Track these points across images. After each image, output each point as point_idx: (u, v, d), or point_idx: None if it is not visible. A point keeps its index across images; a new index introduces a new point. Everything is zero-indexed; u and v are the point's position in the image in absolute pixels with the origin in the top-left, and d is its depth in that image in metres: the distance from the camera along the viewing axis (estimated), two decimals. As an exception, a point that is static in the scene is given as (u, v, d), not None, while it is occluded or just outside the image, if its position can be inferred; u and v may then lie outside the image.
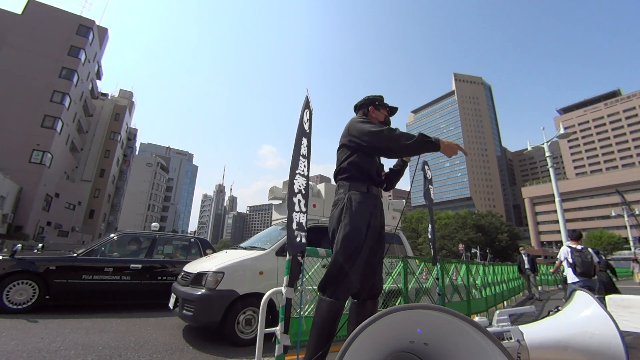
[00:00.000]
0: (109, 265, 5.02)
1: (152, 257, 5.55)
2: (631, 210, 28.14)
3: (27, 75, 26.57)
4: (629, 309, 2.68)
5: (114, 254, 5.40)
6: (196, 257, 5.87)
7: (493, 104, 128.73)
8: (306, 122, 2.50)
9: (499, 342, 0.94)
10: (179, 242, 6.52)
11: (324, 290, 1.84)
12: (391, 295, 3.62)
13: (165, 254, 6.30)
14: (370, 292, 1.90)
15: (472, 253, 46.42)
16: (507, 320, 2.17)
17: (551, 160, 12.70)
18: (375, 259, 1.93)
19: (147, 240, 5.74)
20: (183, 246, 6.37)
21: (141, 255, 5.49)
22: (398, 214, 5.75)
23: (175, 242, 6.52)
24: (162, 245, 6.30)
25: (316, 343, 1.75)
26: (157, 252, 5.83)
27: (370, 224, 1.90)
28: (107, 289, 4.94)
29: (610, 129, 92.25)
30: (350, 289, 1.80)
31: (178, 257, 6.09)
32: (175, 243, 6.48)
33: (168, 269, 5.49)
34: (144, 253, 5.53)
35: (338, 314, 1.77)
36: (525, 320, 3.74)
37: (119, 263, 5.15)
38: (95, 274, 4.89)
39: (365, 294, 1.88)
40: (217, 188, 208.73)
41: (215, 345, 3.38)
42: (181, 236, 6.86)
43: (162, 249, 6.26)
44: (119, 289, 5.03)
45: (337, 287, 1.79)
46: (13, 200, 23.21)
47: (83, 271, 4.82)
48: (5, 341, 3.08)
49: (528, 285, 9.81)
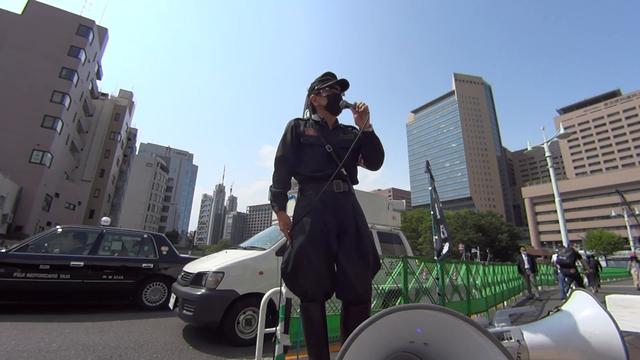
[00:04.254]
0: (45, 262, 4.58)
1: (98, 254, 5.09)
2: (631, 210, 28.14)
3: (27, 75, 26.58)
4: (629, 309, 2.68)
5: (55, 250, 4.99)
6: (149, 254, 5.63)
7: (493, 104, 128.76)
8: (306, 122, 2.50)
9: (499, 342, 0.94)
10: (130, 237, 6.06)
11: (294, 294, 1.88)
12: (391, 295, 3.62)
13: (112, 250, 5.82)
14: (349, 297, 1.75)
15: (472, 253, 46.45)
16: (507, 320, 2.18)
17: (551, 160, 12.71)
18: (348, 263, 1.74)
19: (93, 236, 5.30)
20: (134, 242, 5.92)
21: (85, 252, 5.04)
22: (398, 214, 5.75)
23: (125, 238, 6.06)
24: (110, 242, 5.84)
25: (308, 348, 1.76)
26: (103, 249, 5.41)
27: (318, 228, 1.77)
28: (43, 288, 4.53)
29: (610, 129, 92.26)
30: (309, 291, 1.74)
31: (128, 254, 5.69)
32: (125, 239, 6.03)
33: (114, 266, 5.10)
34: (89, 249, 5.09)
35: (311, 316, 1.74)
36: (525, 320, 3.74)
37: (57, 260, 4.70)
38: (29, 271, 4.46)
39: (346, 299, 1.77)
40: (217, 188, 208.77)
41: (215, 345, 3.38)
42: (132, 232, 6.39)
43: (110, 245, 5.81)
44: (58, 289, 4.61)
45: (295, 291, 1.81)
46: (13, 200, 23.21)
47: (14, 268, 4.40)
48: (5, 341, 3.08)
49: (528, 285, 9.81)
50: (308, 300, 1.74)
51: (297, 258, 1.75)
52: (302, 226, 1.80)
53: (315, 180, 1.89)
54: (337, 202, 1.86)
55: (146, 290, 5.32)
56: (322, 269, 1.73)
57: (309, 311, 1.74)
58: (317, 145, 1.94)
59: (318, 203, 1.82)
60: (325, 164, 1.91)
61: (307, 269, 1.72)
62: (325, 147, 1.93)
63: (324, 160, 1.92)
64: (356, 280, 1.73)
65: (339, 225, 1.82)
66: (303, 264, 1.73)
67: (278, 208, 1.90)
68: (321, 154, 1.93)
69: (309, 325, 1.75)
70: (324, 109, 2.04)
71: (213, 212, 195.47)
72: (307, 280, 1.72)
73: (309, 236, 1.75)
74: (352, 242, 1.78)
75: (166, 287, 5.48)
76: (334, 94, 2.01)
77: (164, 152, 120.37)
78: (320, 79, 2.07)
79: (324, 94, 2.02)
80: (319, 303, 1.76)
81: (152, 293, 5.37)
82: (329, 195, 1.85)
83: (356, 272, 1.74)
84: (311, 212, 1.81)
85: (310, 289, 1.72)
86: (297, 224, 1.83)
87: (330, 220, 1.81)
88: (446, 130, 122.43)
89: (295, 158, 1.97)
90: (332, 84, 2.01)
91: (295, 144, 1.96)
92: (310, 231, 1.76)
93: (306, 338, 1.77)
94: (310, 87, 2.10)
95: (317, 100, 2.05)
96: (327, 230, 1.78)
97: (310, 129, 1.99)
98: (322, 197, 1.83)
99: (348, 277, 1.72)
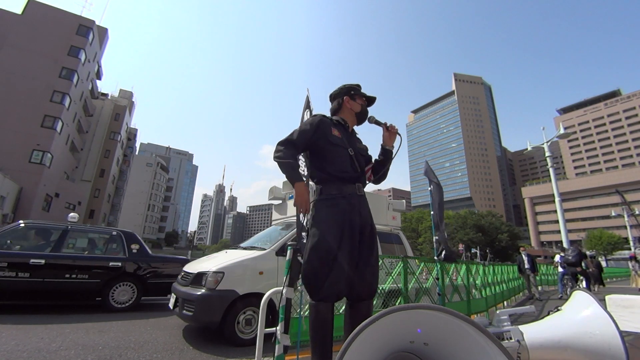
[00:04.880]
0: (3, 259, 4.39)
1: (61, 252, 4.88)
2: (631, 210, 28.12)
3: (27, 75, 26.57)
4: (629, 309, 2.68)
5: (17, 247, 4.79)
6: (117, 252, 5.28)
7: (493, 104, 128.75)
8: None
9: (499, 342, 0.94)
10: (97, 235, 5.71)
11: (308, 294, 1.84)
12: (391, 295, 3.62)
13: (78, 248, 5.54)
14: (361, 293, 1.81)
15: (472, 253, 46.39)
16: (507, 320, 2.18)
17: (551, 160, 12.71)
18: (362, 260, 1.82)
19: (57, 233, 5.05)
20: (102, 240, 5.60)
21: (47, 249, 4.83)
22: (398, 214, 5.75)
23: (92, 235, 5.70)
24: (75, 239, 5.58)
25: (313, 346, 1.75)
26: (67, 246, 5.18)
27: (343, 227, 1.81)
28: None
29: (610, 129, 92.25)
30: (332, 293, 1.74)
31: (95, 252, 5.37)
32: (92, 236, 5.68)
33: (78, 265, 4.84)
34: (52, 247, 4.88)
35: (324, 317, 1.74)
36: (525, 320, 3.74)
37: (14, 257, 4.49)
38: None
39: (356, 296, 1.80)
40: (217, 188, 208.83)
41: (215, 345, 3.38)
42: (100, 228, 6.00)
43: (75, 242, 5.58)
44: (16, 288, 4.40)
45: (318, 292, 1.76)
46: (13, 200, 23.21)
47: None
48: (5, 341, 3.08)
49: (528, 285, 9.81)
50: (323, 299, 1.75)
51: (324, 258, 1.75)
52: (330, 226, 1.81)
53: (341, 180, 1.92)
54: (360, 205, 1.92)
55: (113, 291, 5.02)
56: (344, 270, 1.75)
57: (321, 311, 1.74)
58: (341, 146, 1.98)
59: (346, 204, 1.87)
60: (348, 167, 1.96)
61: (331, 269, 1.74)
62: (348, 149, 1.98)
63: (347, 163, 1.96)
64: (372, 280, 1.83)
65: (360, 226, 1.87)
66: (329, 264, 1.74)
67: (296, 179, 1.84)
68: (345, 156, 1.97)
69: (320, 325, 1.74)
70: (353, 115, 2.11)
71: (213, 212, 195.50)
72: (330, 280, 1.73)
73: (337, 237, 1.78)
74: (368, 243, 1.87)
75: (135, 287, 5.21)
76: (366, 105, 2.14)
77: (164, 152, 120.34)
78: (355, 86, 2.15)
79: (359, 102, 2.11)
80: (331, 303, 1.78)
81: (120, 294, 5.07)
82: (353, 198, 1.91)
83: (372, 272, 1.85)
84: (339, 212, 1.84)
85: (329, 289, 1.73)
86: (324, 223, 1.83)
87: (355, 222, 1.85)
88: (446, 130, 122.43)
89: (304, 149, 2.01)
90: (367, 96, 2.14)
91: (313, 140, 1.96)
92: (340, 232, 1.80)
93: (312, 337, 1.76)
94: (345, 89, 2.14)
95: (350, 104, 2.11)
96: (352, 231, 1.82)
97: (335, 130, 2.02)
98: (349, 199, 1.89)
99: (364, 276, 1.80)
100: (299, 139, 1.94)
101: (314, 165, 2.01)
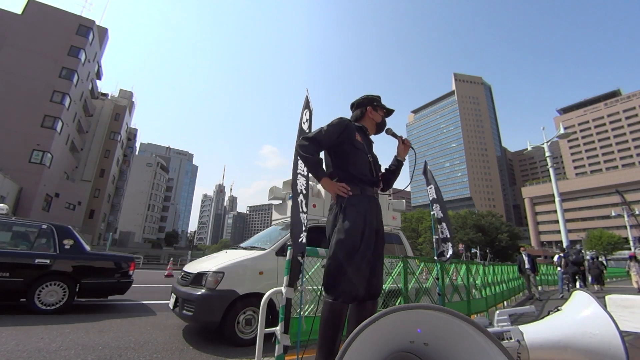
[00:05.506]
0: None
1: None
2: (631, 210, 28.11)
3: (27, 75, 26.58)
4: (629, 309, 2.68)
5: None
6: (47, 249, 4.82)
7: (493, 104, 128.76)
8: (305, 122, 2.51)
9: (499, 342, 0.94)
10: (24, 228, 5.09)
11: (327, 291, 1.85)
12: (391, 295, 3.62)
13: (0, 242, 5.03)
14: (369, 292, 1.86)
15: (472, 253, 46.38)
16: (507, 320, 2.18)
17: (551, 160, 12.71)
18: (375, 260, 1.90)
19: None
20: (29, 234, 5.01)
21: None
22: (398, 214, 5.75)
23: (17, 228, 5.10)
24: None
25: (321, 344, 1.75)
26: None
27: (365, 227, 1.87)
28: None
29: (610, 129, 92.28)
30: (352, 291, 1.77)
31: (19, 247, 4.85)
32: (18, 230, 5.08)
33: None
34: None
35: (339, 315, 1.76)
36: (525, 320, 3.73)
37: None
38: None
39: (365, 295, 1.84)
40: (217, 188, 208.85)
41: (215, 345, 3.38)
42: (28, 221, 5.35)
43: None
44: None
45: (337, 289, 1.78)
46: (13, 200, 23.21)
47: None
48: (5, 341, 3.08)
49: (528, 285, 9.81)
50: (341, 297, 1.77)
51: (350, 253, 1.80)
52: (357, 223, 1.87)
53: (363, 182, 2.02)
54: (377, 208, 2.05)
55: (40, 291, 4.54)
56: (364, 270, 1.83)
57: (336, 310, 1.76)
58: (363, 151, 2.10)
59: (367, 205, 1.95)
60: (368, 171, 2.08)
61: (355, 266, 1.79)
62: (367, 155, 2.12)
63: (367, 167, 2.09)
64: (379, 278, 1.95)
65: (377, 226, 1.99)
66: (354, 259, 1.79)
67: (322, 175, 1.98)
68: (366, 160, 2.09)
69: (332, 324, 1.75)
70: (373, 124, 2.26)
71: (213, 212, 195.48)
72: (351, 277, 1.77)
73: (366, 239, 1.85)
74: (380, 244, 1.99)
75: (67, 287, 4.70)
76: (385, 117, 2.30)
77: (164, 152, 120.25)
78: (377, 97, 2.29)
79: (380, 113, 2.25)
80: (347, 304, 1.81)
81: (48, 294, 4.57)
82: (373, 200, 2.03)
83: (380, 270, 1.97)
84: (362, 212, 1.92)
85: (348, 286, 1.77)
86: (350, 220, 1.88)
87: (373, 224, 1.95)
88: (446, 130, 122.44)
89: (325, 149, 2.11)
90: (386, 108, 2.30)
91: (338, 142, 2.05)
92: (369, 234, 1.88)
93: (322, 336, 1.76)
94: (368, 99, 2.27)
95: (372, 114, 2.24)
96: (371, 232, 1.91)
97: (358, 135, 2.14)
98: (370, 200, 2.00)
99: (377, 275, 1.92)
100: (325, 138, 2.02)
101: (337, 165, 2.08)
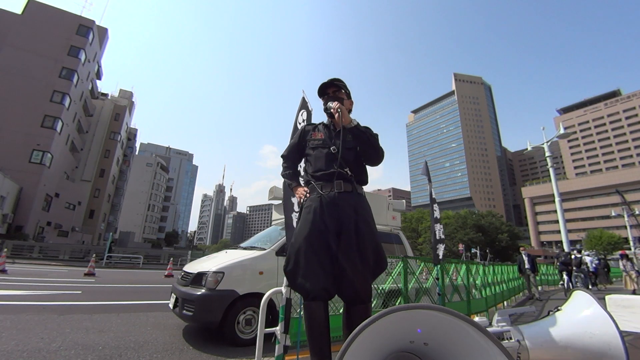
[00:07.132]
0: None
1: None
2: (631, 210, 28.09)
3: (27, 75, 26.59)
4: (629, 309, 2.68)
5: None
6: None
7: (493, 104, 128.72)
8: (301, 123, 2.51)
9: (499, 342, 0.94)
10: None
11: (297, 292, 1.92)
12: (391, 295, 3.62)
13: None
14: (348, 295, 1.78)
15: (472, 253, 46.36)
16: (507, 320, 2.17)
17: (551, 160, 12.71)
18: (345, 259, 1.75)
19: None
20: None
21: None
22: (398, 214, 5.75)
23: None
24: None
25: (309, 346, 1.77)
26: None
27: (317, 227, 1.81)
28: None
29: (610, 129, 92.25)
30: (307, 291, 1.75)
31: None
32: None
33: None
34: None
35: (309, 313, 1.76)
36: (525, 320, 3.74)
37: None
38: None
39: (345, 297, 1.80)
40: (217, 188, 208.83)
41: (215, 345, 3.38)
42: None
43: None
44: None
45: (295, 288, 1.85)
46: (13, 200, 23.21)
47: None
48: (5, 341, 3.08)
49: (528, 285, 9.81)
50: (309, 298, 1.76)
51: (297, 257, 1.81)
52: (302, 226, 1.88)
53: (318, 180, 1.95)
54: (338, 202, 1.86)
55: None
56: (321, 268, 1.76)
57: (310, 309, 1.76)
58: (322, 147, 2.02)
59: (318, 203, 1.87)
60: (328, 165, 1.94)
61: (306, 268, 1.76)
62: (330, 148, 1.97)
63: (327, 162, 1.95)
64: (354, 279, 1.74)
65: (338, 224, 1.83)
66: (301, 263, 1.78)
67: (295, 184, 2.12)
68: (325, 155, 1.98)
69: (311, 323, 1.76)
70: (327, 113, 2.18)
71: (213, 212, 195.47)
72: (307, 278, 1.75)
73: (308, 236, 1.81)
74: (350, 242, 1.78)
75: None
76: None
77: (164, 152, 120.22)
78: (319, 88, 2.19)
79: (323, 100, 2.11)
80: (321, 301, 1.77)
81: None
82: (329, 195, 1.88)
83: (354, 271, 1.74)
84: (311, 212, 1.87)
85: (311, 288, 1.74)
86: (300, 224, 1.91)
87: (330, 220, 1.82)
88: (446, 130, 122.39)
89: (298, 159, 2.21)
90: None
91: (299, 147, 2.15)
92: (310, 231, 1.82)
93: (308, 336, 1.78)
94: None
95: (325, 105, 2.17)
96: (327, 229, 1.81)
97: (319, 133, 2.09)
98: (323, 197, 1.87)
99: (346, 276, 1.75)
100: (289, 152, 2.21)
101: (304, 171, 2.13)
